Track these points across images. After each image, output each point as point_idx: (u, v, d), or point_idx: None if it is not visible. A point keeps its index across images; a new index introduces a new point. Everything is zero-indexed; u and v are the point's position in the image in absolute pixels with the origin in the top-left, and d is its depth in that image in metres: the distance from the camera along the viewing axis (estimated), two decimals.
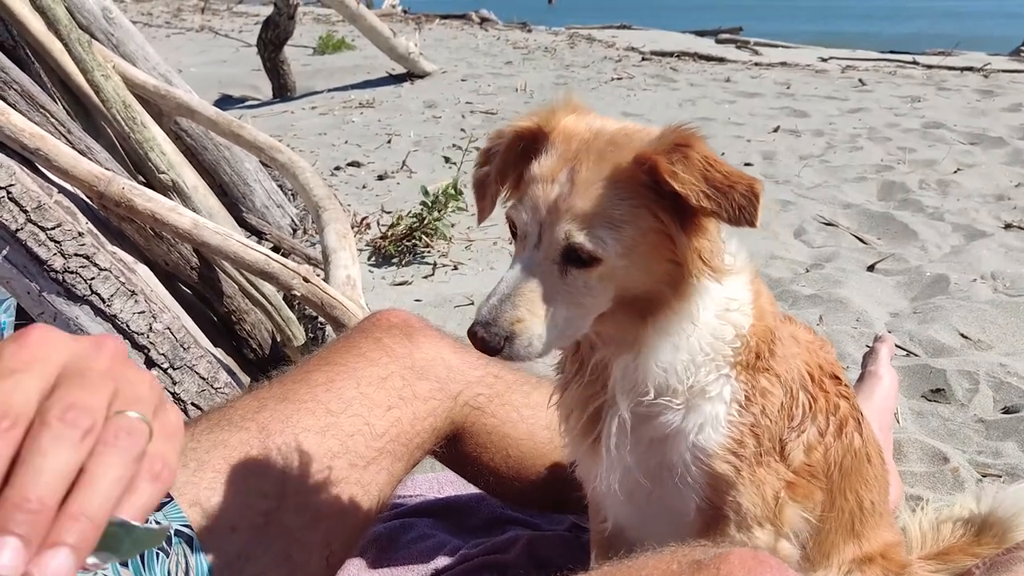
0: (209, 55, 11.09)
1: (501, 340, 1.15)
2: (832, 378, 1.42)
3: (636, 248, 1.13)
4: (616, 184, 1.12)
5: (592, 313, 1.19)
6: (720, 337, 1.23)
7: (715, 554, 1.04)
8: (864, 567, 1.52)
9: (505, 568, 1.93)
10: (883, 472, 1.59)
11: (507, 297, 1.16)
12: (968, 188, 4.65)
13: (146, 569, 1.35)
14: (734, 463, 1.26)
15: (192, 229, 2.36)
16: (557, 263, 1.15)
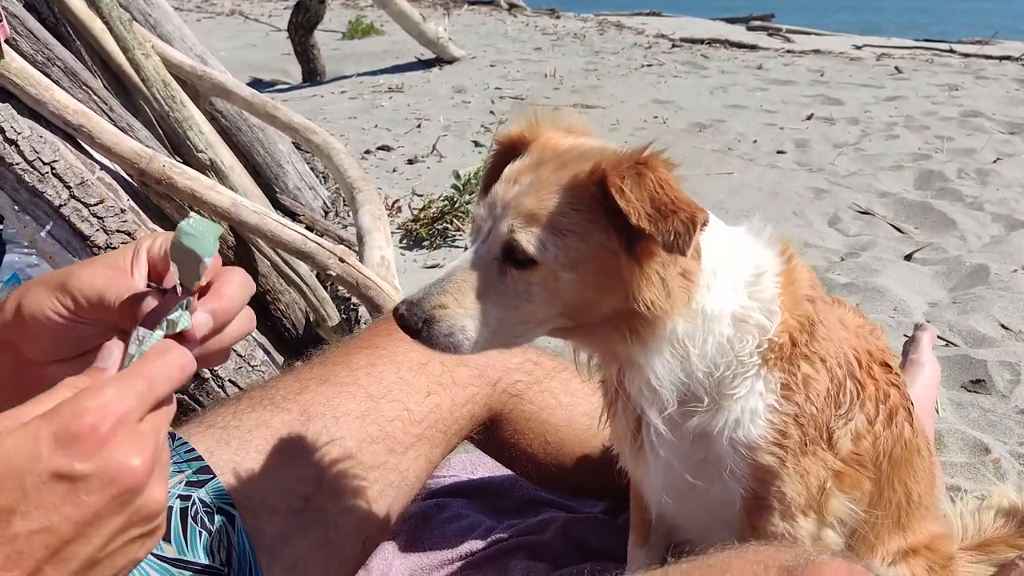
0: (239, 39, 11.14)
1: (419, 321, 1.14)
2: (882, 365, 1.39)
3: (583, 262, 1.11)
4: (571, 192, 1.11)
5: (532, 322, 1.16)
6: (739, 344, 1.20)
7: (807, 561, 1.01)
8: (909, 559, 1.50)
9: (539, 549, 1.93)
10: (931, 465, 1.57)
11: (439, 282, 1.16)
12: (1008, 178, 4.56)
13: (188, 546, 1.36)
14: (778, 454, 1.24)
15: (231, 208, 2.37)
16: (497, 259, 1.14)
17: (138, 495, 0.77)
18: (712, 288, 1.18)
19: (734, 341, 1.20)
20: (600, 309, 1.15)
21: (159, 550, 1.33)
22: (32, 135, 2.10)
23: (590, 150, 1.18)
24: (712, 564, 1.05)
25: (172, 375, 0.84)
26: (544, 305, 1.14)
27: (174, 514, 1.37)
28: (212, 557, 1.36)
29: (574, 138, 1.24)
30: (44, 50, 2.34)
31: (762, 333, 1.20)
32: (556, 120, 1.27)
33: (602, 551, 1.88)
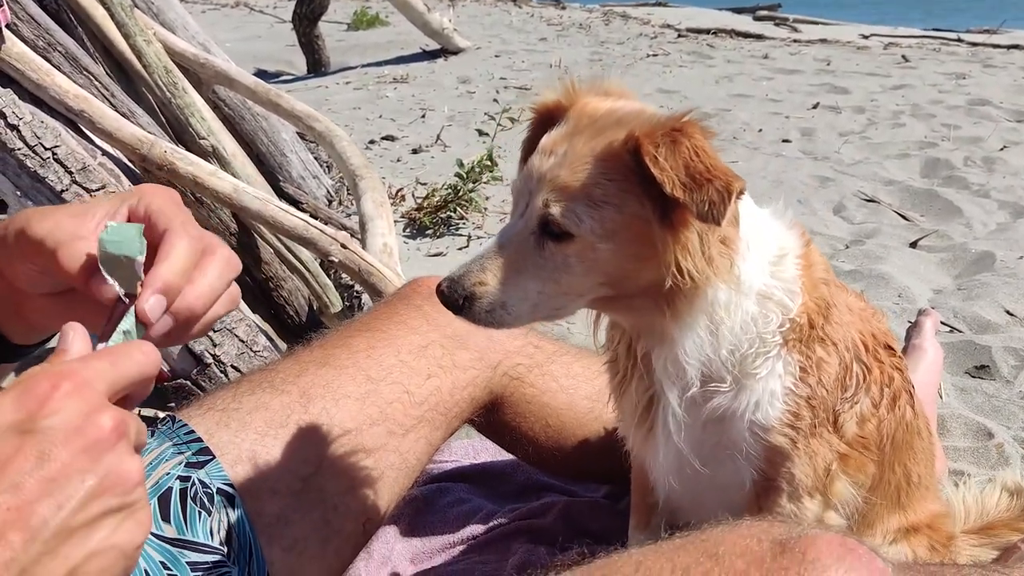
0: (244, 31, 11.14)
1: (460, 298, 1.13)
2: (886, 348, 1.39)
3: (619, 233, 1.10)
4: (605, 162, 1.09)
5: (573, 294, 1.16)
6: (763, 322, 1.19)
7: (800, 535, 1.00)
8: (910, 536, 1.49)
9: (541, 533, 1.93)
10: (931, 445, 1.56)
11: (479, 259, 1.15)
12: (1015, 165, 4.53)
13: (188, 526, 1.36)
14: (791, 435, 1.24)
15: (232, 193, 2.37)
16: (535, 234, 1.13)
17: (106, 452, 0.73)
18: (746, 259, 1.17)
19: (758, 319, 1.19)
20: (639, 279, 1.14)
21: (159, 530, 1.34)
22: (33, 120, 2.10)
23: (626, 115, 1.15)
24: (706, 539, 1.04)
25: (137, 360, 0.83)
26: (583, 276, 1.13)
27: (174, 495, 1.37)
28: (212, 537, 1.37)
29: (612, 101, 1.21)
30: (45, 35, 2.34)
31: (784, 312, 1.19)
32: (594, 84, 1.24)
33: (603, 534, 1.88)
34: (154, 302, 0.92)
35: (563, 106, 1.21)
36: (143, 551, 1.30)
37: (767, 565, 0.97)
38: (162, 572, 1.29)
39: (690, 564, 1.00)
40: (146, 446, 1.44)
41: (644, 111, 1.17)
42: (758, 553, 0.99)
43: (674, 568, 1.00)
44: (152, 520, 0.84)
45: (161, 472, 1.40)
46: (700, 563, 1.00)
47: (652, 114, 1.15)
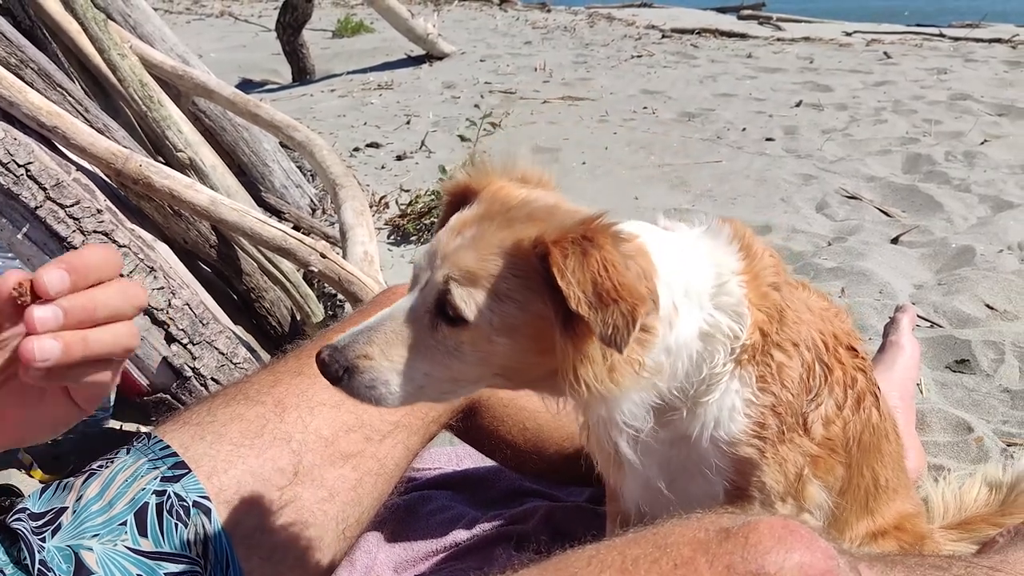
0: (229, 40, 11.12)
1: (340, 369, 1.08)
2: (848, 349, 1.38)
3: (519, 329, 1.05)
4: (513, 257, 1.05)
5: (464, 380, 1.11)
6: (710, 360, 1.16)
7: (743, 522, 1.03)
8: (878, 540, 1.49)
9: (523, 538, 1.93)
10: (899, 448, 1.56)
11: (367, 330, 1.10)
12: (995, 159, 4.56)
13: (164, 539, 1.37)
14: (758, 445, 1.23)
15: (209, 206, 2.37)
16: (430, 313, 1.08)
17: None
18: (675, 324, 1.12)
19: (705, 356, 1.16)
20: (536, 372, 1.11)
21: (136, 544, 1.34)
22: (6, 137, 2.10)
23: (538, 209, 1.11)
24: (657, 531, 1.07)
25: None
26: (474, 365, 1.09)
27: (150, 509, 1.37)
28: (189, 549, 1.37)
29: (527, 189, 1.18)
30: (17, 52, 2.34)
31: (733, 340, 1.16)
32: (508, 169, 1.21)
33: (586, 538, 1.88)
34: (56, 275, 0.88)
35: (474, 188, 1.18)
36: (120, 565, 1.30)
37: (712, 551, 1.01)
38: None
39: (639, 555, 1.03)
40: (121, 463, 1.45)
41: (558, 208, 1.13)
42: (704, 540, 1.02)
43: (624, 559, 1.03)
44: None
45: (137, 488, 1.41)
46: (649, 553, 1.03)
47: (565, 213, 1.11)
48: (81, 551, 1.28)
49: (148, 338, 2.16)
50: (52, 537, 1.32)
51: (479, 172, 1.20)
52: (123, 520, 1.36)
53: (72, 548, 1.29)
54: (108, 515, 1.36)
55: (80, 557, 1.28)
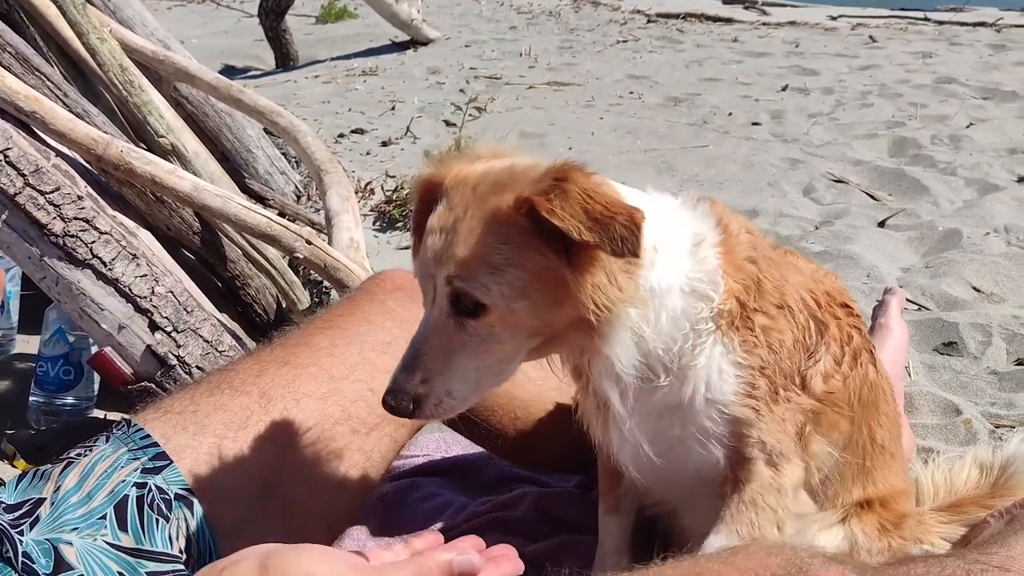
0: (211, 26, 11.00)
1: (409, 404, 1.16)
2: (842, 306, 1.40)
3: (530, 290, 1.12)
4: (496, 229, 1.11)
5: (508, 358, 1.19)
6: (693, 314, 1.22)
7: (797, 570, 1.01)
8: (861, 513, 1.48)
9: (512, 525, 1.92)
10: (895, 411, 1.56)
11: (410, 361, 1.18)
12: (981, 142, 4.58)
13: (145, 535, 1.34)
14: (752, 404, 1.26)
15: (192, 192, 2.34)
16: (451, 316, 1.15)
17: None
18: (656, 264, 1.18)
19: (688, 311, 1.21)
20: (562, 320, 1.16)
21: (116, 539, 1.31)
22: None
23: (500, 176, 1.16)
24: (701, 571, 1.04)
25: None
26: (511, 340, 1.16)
27: (130, 502, 1.35)
28: (171, 545, 1.35)
29: (483, 163, 1.22)
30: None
31: (708, 303, 1.21)
32: (463, 153, 1.26)
33: (576, 524, 1.88)
34: None
35: (437, 180, 1.22)
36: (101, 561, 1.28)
37: None
38: None
39: None
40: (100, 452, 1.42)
41: (515, 168, 1.18)
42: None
43: None
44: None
45: (116, 479, 1.37)
46: None
47: (524, 171, 1.16)
48: (60, 545, 1.26)
49: (132, 326, 2.13)
50: (30, 530, 1.29)
51: (437, 164, 1.25)
52: (102, 514, 1.33)
53: (51, 542, 1.26)
54: (87, 508, 1.33)
55: (60, 552, 1.25)
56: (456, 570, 1.06)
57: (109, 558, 1.29)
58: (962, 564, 1.40)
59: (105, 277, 2.11)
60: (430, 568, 1.05)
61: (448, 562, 1.06)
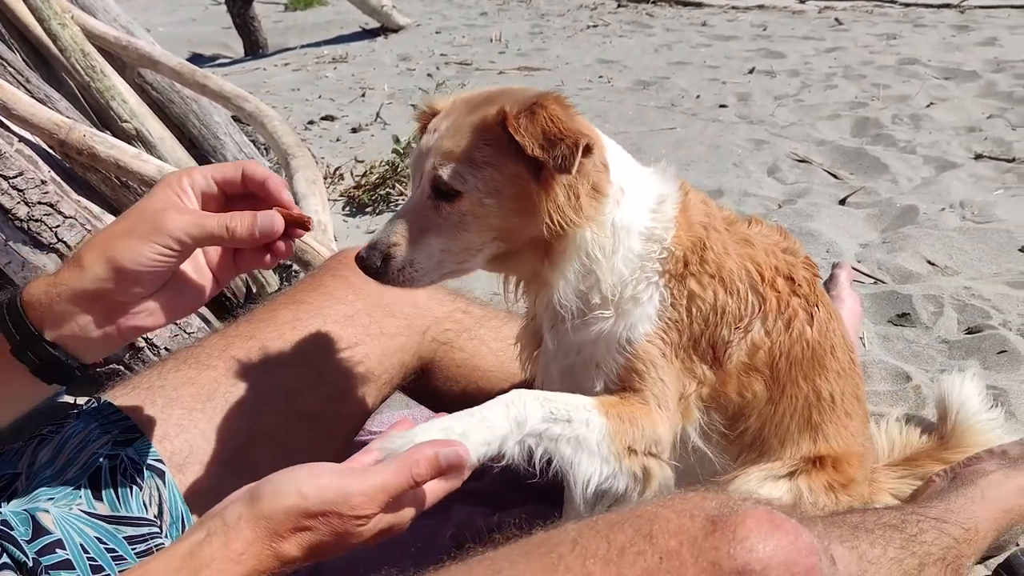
0: (178, 14, 10.89)
1: (378, 260, 1.30)
2: (787, 279, 1.46)
3: (502, 191, 1.27)
4: (482, 132, 1.27)
5: (472, 249, 1.32)
6: (647, 256, 1.35)
7: (732, 511, 1.05)
8: (811, 471, 1.53)
9: (479, 495, 1.97)
10: (850, 368, 1.60)
11: (388, 226, 1.33)
12: (941, 121, 4.66)
13: (120, 502, 1.37)
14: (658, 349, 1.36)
15: (157, 176, 2.35)
16: (431, 198, 1.30)
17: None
18: (621, 203, 1.34)
19: (643, 254, 1.35)
20: (523, 233, 1.31)
21: (91, 508, 1.35)
22: None
23: (494, 94, 1.34)
24: (640, 514, 1.08)
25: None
26: (476, 231, 1.30)
27: (103, 473, 1.38)
28: (146, 510, 1.38)
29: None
30: None
31: (662, 243, 1.35)
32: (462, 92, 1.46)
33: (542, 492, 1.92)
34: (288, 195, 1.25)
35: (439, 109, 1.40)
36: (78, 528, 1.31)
37: (699, 544, 1.02)
38: (99, 546, 1.31)
39: (625, 544, 1.04)
40: (72, 428, 1.45)
41: (510, 89, 1.36)
42: (690, 531, 1.04)
43: (610, 547, 1.04)
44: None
45: (89, 452, 1.41)
46: (635, 543, 1.04)
47: (518, 91, 1.33)
48: (37, 513, 1.29)
49: None
50: (7, 503, 1.32)
51: (440, 98, 1.43)
52: (77, 484, 1.36)
53: (28, 511, 1.29)
54: (62, 479, 1.37)
55: (37, 519, 1.28)
56: (443, 463, 1.12)
57: (86, 524, 1.32)
58: (899, 514, 1.47)
59: None
60: (417, 461, 1.10)
61: (435, 456, 1.11)
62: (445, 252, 1.31)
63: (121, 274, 1.14)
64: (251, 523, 1.04)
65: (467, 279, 2.81)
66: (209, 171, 1.23)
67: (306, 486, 1.06)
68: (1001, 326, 2.50)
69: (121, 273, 1.14)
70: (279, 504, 1.05)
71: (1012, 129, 4.46)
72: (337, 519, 1.05)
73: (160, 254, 1.15)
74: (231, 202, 1.25)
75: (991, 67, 5.71)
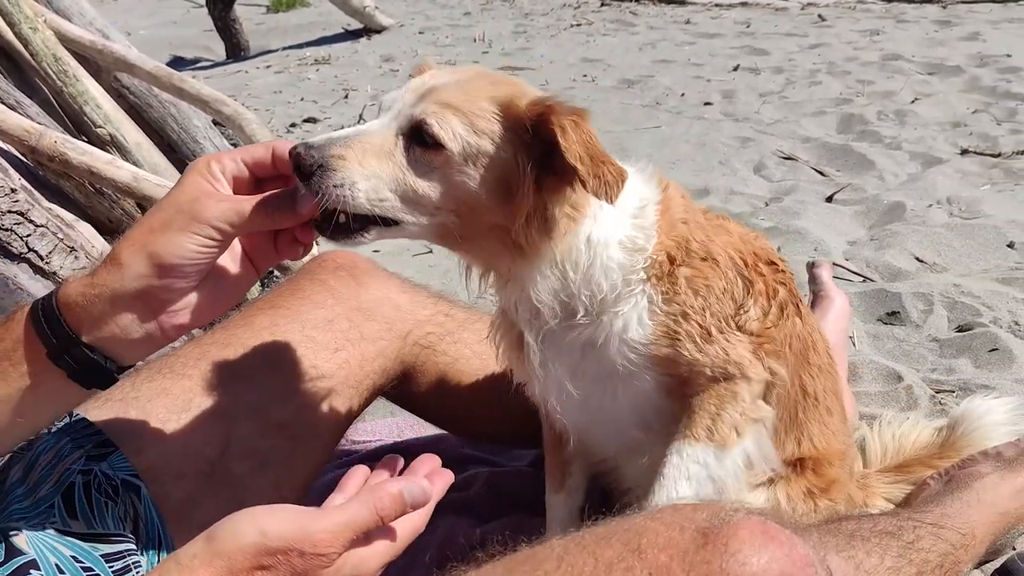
0: (159, 16, 10.81)
1: (314, 164, 1.11)
2: (769, 264, 1.43)
3: (486, 167, 1.17)
4: (500, 107, 1.17)
5: (422, 206, 1.18)
6: (630, 266, 1.28)
7: (721, 522, 1.01)
8: (792, 476, 1.49)
9: (465, 506, 1.93)
10: (830, 364, 1.58)
11: (344, 137, 1.16)
12: (925, 117, 4.65)
13: (96, 519, 1.33)
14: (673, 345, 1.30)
15: (132, 183, 2.30)
16: (404, 136, 1.17)
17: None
18: (599, 218, 1.26)
19: (624, 263, 1.28)
20: (486, 218, 1.21)
21: (66, 526, 1.30)
22: None
23: (505, 77, 1.26)
24: (628, 528, 1.04)
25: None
26: (435, 191, 1.18)
27: (77, 489, 1.33)
28: (122, 526, 1.34)
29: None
30: None
31: (643, 254, 1.29)
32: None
33: (527, 502, 1.88)
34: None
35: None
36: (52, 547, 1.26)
37: (689, 558, 0.98)
38: (75, 565, 1.26)
39: (613, 560, 0.99)
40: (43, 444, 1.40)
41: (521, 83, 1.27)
42: (681, 545, 0.99)
43: (597, 563, 1.00)
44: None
45: (62, 468, 1.36)
46: (623, 559, 0.99)
47: (529, 89, 1.25)
48: (10, 534, 1.24)
49: None
50: None
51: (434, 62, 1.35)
52: (50, 502, 1.31)
53: (0, 532, 1.25)
54: (34, 498, 1.32)
55: (10, 540, 1.23)
56: (408, 500, 1.07)
57: (61, 543, 1.27)
58: (895, 520, 1.44)
59: (42, 271, 2.07)
60: (381, 497, 1.05)
61: (399, 493, 1.06)
62: (395, 193, 1.16)
63: (164, 270, 1.11)
64: (206, 562, 0.99)
65: (449, 284, 2.78)
66: (238, 154, 1.18)
67: (266, 523, 1.01)
68: (992, 323, 2.48)
69: (164, 269, 1.11)
70: (237, 542, 1.00)
71: (997, 124, 4.45)
72: (299, 557, 1.00)
73: (203, 245, 1.11)
74: (262, 184, 1.20)
75: (974, 62, 5.72)
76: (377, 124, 1.19)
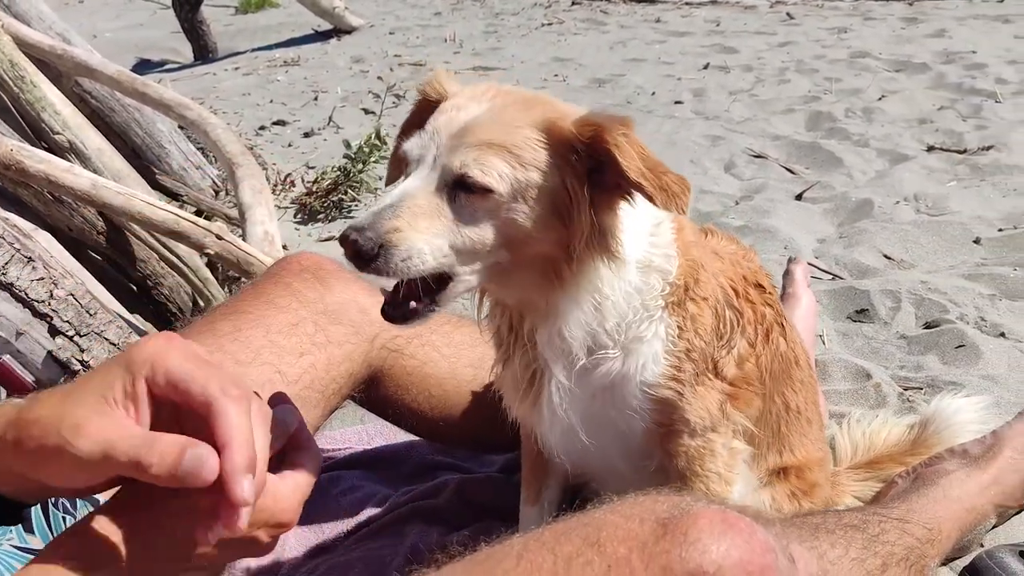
0: (125, 19, 10.66)
1: (375, 247, 1.07)
2: (756, 287, 1.43)
3: (537, 198, 1.12)
4: (543, 133, 1.12)
5: (481, 253, 1.15)
6: (647, 290, 1.24)
7: (681, 511, 1.00)
8: (776, 481, 1.51)
9: (434, 513, 1.91)
10: (810, 377, 1.59)
11: (389, 207, 1.11)
12: (892, 114, 4.69)
13: (54, 534, 1.29)
14: (675, 387, 1.29)
15: (91, 190, 2.25)
16: (448, 186, 1.12)
17: None
18: (625, 234, 1.21)
19: (642, 288, 1.24)
20: (536, 248, 1.16)
21: (24, 543, 1.27)
22: None
23: (535, 96, 1.21)
24: (588, 522, 1.02)
25: None
26: (488, 234, 1.13)
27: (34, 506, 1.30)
28: None
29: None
30: None
31: (665, 277, 1.24)
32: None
33: (497, 509, 1.87)
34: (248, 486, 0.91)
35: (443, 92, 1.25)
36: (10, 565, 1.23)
37: (648, 549, 0.96)
38: None
39: (572, 554, 0.98)
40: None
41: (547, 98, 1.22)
42: (640, 536, 0.98)
43: (556, 560, 0.98)
44: None
45: None
46: (582, 553, 0.98)
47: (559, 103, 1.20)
48: None
49: (30, 332, 2.04)
50: None
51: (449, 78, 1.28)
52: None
53: None
54: None
55: None
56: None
57: (18, 560, 1.24)
58: (860, 515, 1.44)
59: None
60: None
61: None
62: (453, 249, 1.11)
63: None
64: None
65: None
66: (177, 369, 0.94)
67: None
68: (959, 320, 2.49)
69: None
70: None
71: (963, 120, 4.50)
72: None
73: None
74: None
75: (941, 59, 5.78)
76: (416, 181, 1.13)
